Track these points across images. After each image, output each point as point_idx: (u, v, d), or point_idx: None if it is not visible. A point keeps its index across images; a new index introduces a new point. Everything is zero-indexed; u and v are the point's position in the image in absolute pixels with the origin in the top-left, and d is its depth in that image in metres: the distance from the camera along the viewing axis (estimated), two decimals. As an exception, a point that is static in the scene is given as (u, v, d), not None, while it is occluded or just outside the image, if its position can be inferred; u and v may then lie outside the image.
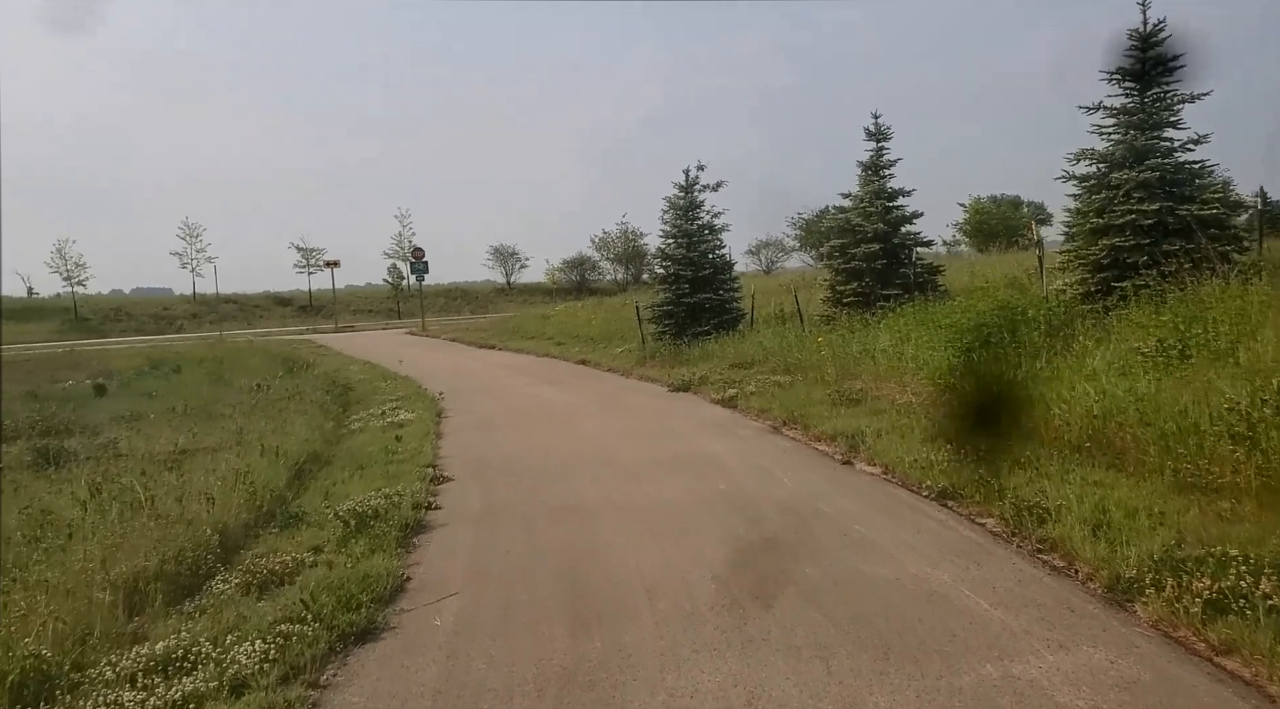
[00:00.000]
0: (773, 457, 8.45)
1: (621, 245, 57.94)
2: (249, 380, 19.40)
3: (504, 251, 62.93)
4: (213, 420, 14.21)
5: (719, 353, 16.00)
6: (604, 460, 8.73)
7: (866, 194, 15.59)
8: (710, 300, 17.44)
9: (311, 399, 14.91)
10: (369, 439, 10.86)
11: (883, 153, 15.60)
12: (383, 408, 13.47)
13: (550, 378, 16.90)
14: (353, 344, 29.93)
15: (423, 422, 11.72)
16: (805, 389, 11.55)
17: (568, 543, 6.05)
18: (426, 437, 10.60)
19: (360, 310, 57.45)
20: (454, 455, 9.57)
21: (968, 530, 5.81)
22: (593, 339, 22.43)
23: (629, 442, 9.60)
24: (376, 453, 9.68)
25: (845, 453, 8.33)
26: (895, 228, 15.40)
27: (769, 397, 11.45)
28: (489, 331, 29.79)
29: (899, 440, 8.18)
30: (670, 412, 11.69)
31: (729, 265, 18.32)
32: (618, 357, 18.52)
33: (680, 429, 10.21)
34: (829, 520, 6.20)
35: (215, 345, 28.03)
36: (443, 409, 13.21)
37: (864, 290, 15.15)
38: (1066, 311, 10.42)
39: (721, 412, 11.41)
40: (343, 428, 12.45)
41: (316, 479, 8.82)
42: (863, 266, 15.18)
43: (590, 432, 10.45)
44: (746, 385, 12.69)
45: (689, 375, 14.25)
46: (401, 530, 6.46)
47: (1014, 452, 7.09)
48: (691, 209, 18.05)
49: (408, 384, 16.73)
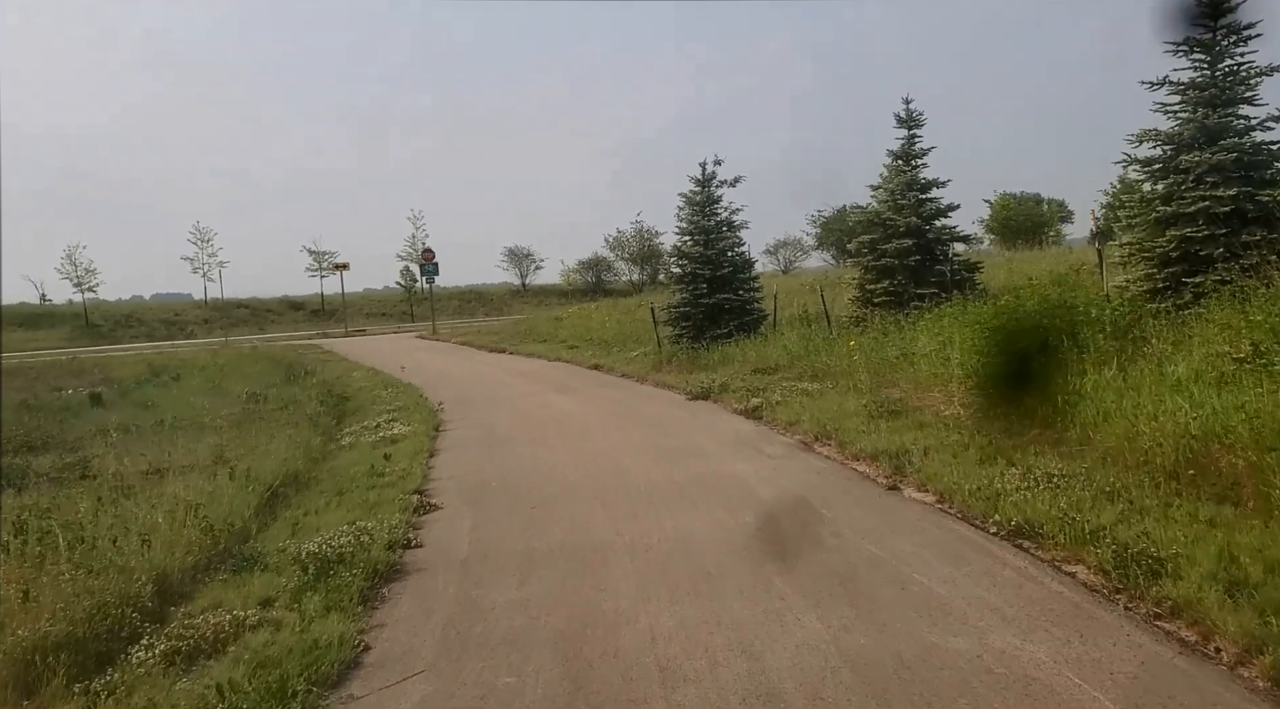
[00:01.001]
0: (807, 480, 7.37)
1: (636, 245, 56.81)
2: (248, 388, 18.61)
3: (519, 253, 62.06)
4: (200, 433, 13.39)
5: (740, 357, 14.92)
6: (615, 483, 7.68)
7: (898, 186, 14.46)
8: (730, 301, 16.36)
9: (305, 411, 14.01)
10: (356, 457, 9.87)
11: (914, 141, 14.47)
12: (378, 420, 12.50)
13: (561, 384, 15.88)
14: (360, 349, 29.04)
15: (417, 437, 10.72)
16: (837, 398, 10.47)
17: (568, 598, 5.00)
18: (419, 454, 9.59)
19: (374, 314, 56.71)
20: (447, 477, 8.55)
21: (1056, 583, 4.72)
22: (606, 342, 21.39)
23: (644, 460, 8.55)
24: (361, 475, 8.68)
25: (890, 476, 7.25)
26: (929, 222, 14.27)
27: (797, 407, 10.37)
28: (500, 335, 28.83)
29: (951, 460, 7.09)
30: (689, 423, 10.63)
31: (749, 264, 17.23)
32: (632, 361, 17.48)
33: (700, 445, 9.15)
34: (883, 568, 5.12)
35: (219, 352, 27.22)
36: (442, 421, 12.21)
37: (896, 289, 14.03)
38: (1132, 311, 9.27)
39: (745, 424, 10.34)
40: (333, 442, 11.49)
41: (289, 507, 7.83)
42: (894, 264, 14.06)
43: (602, 447, 9.41)
44: (771, 393, 11.61)
45: (708, 382, 13.19)
46: (369, 578, 5.44)
47: (1094, 478, 6.00)
48: (709, 205, 16.98)
49: (409, 393, 15.76)
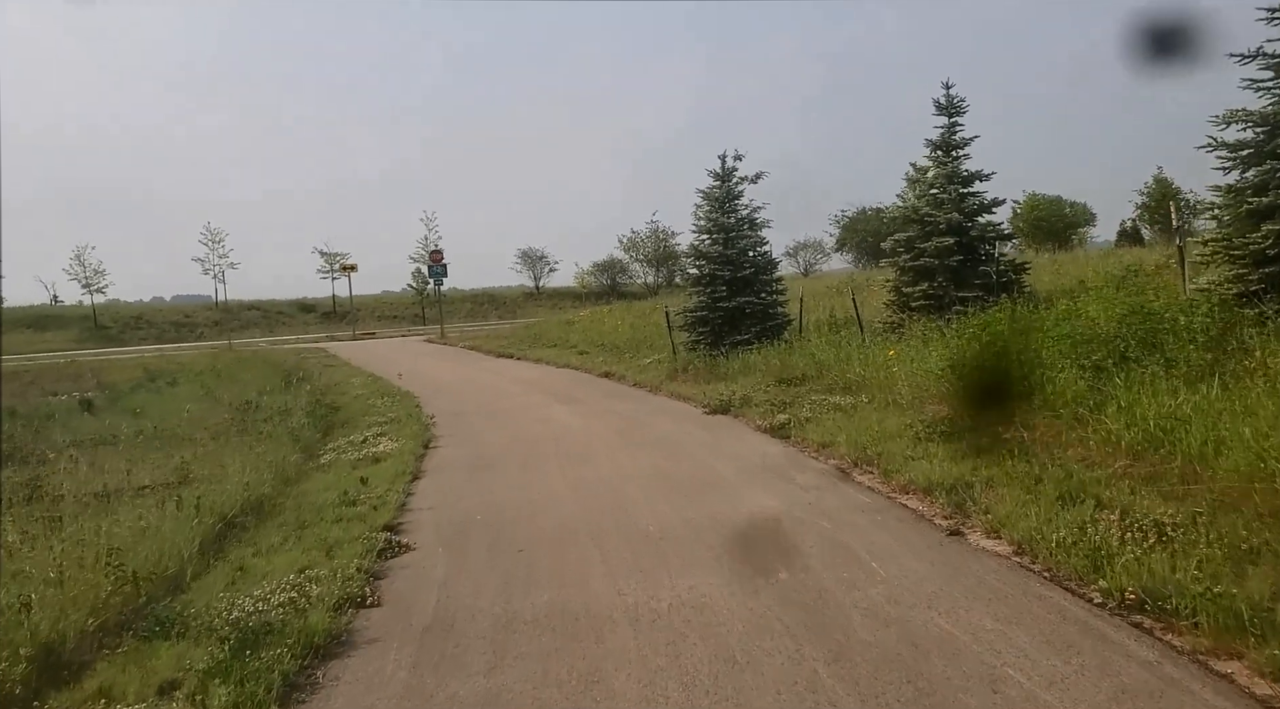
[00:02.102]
0: (850, 521, 6.14)
1: (652, 245, 55.52)
2: (242, 395, 17.63)
3: (532, 255, 60.97)
4: (178, 446, 12.40)
5: (762, 366, 13.70)
6: (619, 523, 6.49)
7: (937, 178, 13.20)
8: (751, 304, 15.14)
9: (291, 422, 12.93)
10: (332, 480, 8.75)
11: (955, 129, 13.20)
12: (366, 434, 11.39)
13: (567, 394, 14.72)
14: (364, 353, 28.02)
15: (403, 456, 9.58)
16: (875, 415, 9.23)
17: (549, 694, 3.81)
18: (400, 478, 8.45)
19: (385, 316, 55.87)
20: (426, 508, 7.39)
21: (1209, 690, 3.48)
22: (618, 348, 20.22)
23: (655, 492, 7.35)
24: (330, 503, 7.54)
25: (950, 515, 6.02)
26: (971, 218, 13.00)
27: (830, 425, 9.15)
28: (509, 339, 27.72)
29: (1024, 497, 5.86)
30: (707, 444, 9.42)
31: (772, 264, 16.00)
32: (646, 369, 16.28)
33: (720, 472, 7.93)
34: (963, 656, 3.89)
35: (219, 356, 26.28)
36: (434, 437, 11.07)
37: (936, 292, 12.77)
38: (1224, 318, 7.99)
39: (771, 445, 9.12)
40: (312, 460, 10.37)
41: (240, 544, 6.69)
42: (934, 264, 12.80)
43: (607, 474, 8.21)
44: (799, 408, 10.40)
45: (727, 394, 11.98)
46: (302, 656, 4.28)
47: (1220, 529, 4.75)
48: (729, 200, 15.77)
49: (405, 402, 14.65)
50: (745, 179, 15.88)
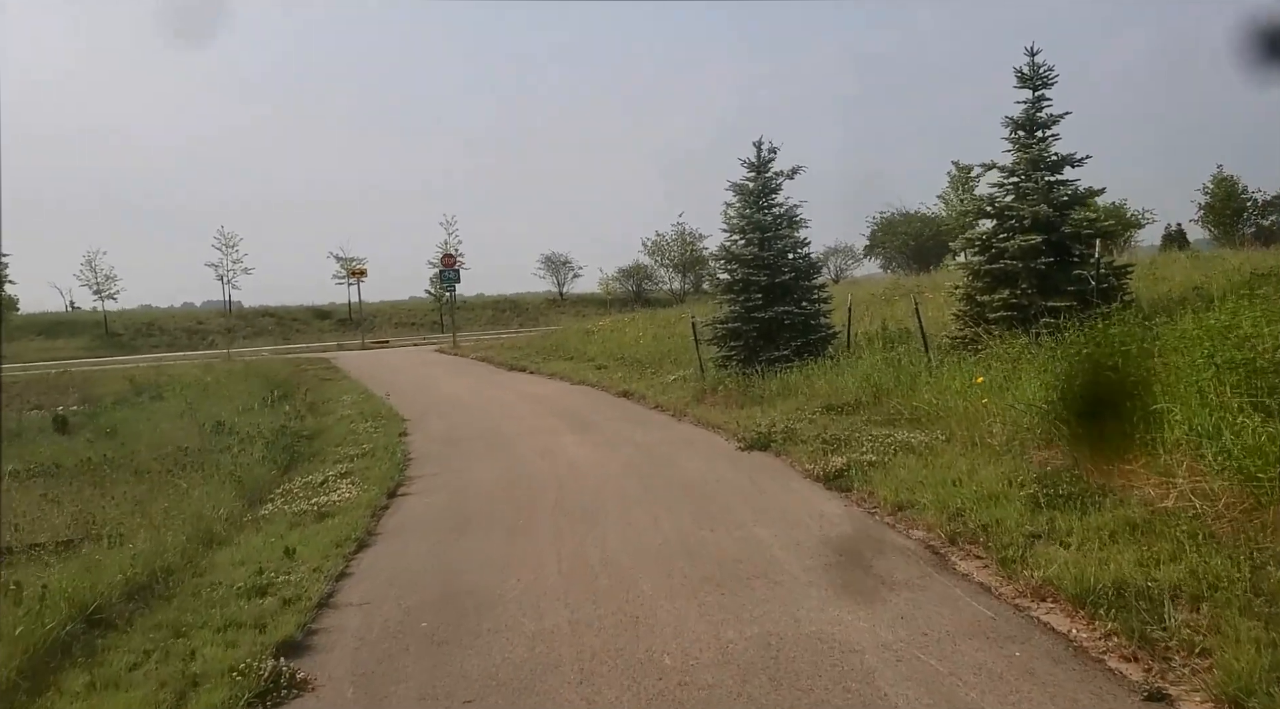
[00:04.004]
0: (975, 662, 3.99)
1: (678, 249, 53.21)
2: (221, 412, 15.87)
3: (555, 260, 58.82)
4: (127, 480, 10.68)
5: (805, 388, 11.56)
6: (627, 649, 4.39)
7: (1020, 163, 10.99)
8: (790, 315, 12.99)
9: (254, 452, 11.03)
10: (255, 548, 6.74)
11: (1042, 105, 10.98)
12: (329, 473, 9.45)
13: (579, 418, 12.66)
14: (369, 364, 26.16)
15: (358, 509, 7.57)
16: (962, 461, 7.09)
17: None
18: (342, 547, 6.46)
19: (403, 324, 54.18)
20: (357, 604, 5.35)
21: None
22: (640, 362, 18.13)
23: (679, 584, 5.24)
24: (232, 593, 5.54)
25: (1133, 651, 3.88)
26: (1063, 211, 10.79)
27: (904, 475, 7.03)
28: (524, 350, 25.69)
29: (1255, 626, 3.72)
30: (746, 497, 7.30)
31: (814, 267, 13.87)
32: (669, 388, 14.19)
33: (768, 549, 5.81)
34: None
35: (212, 367, 24.50)
36: (407, 478, 9.07)
37: (1018, 301, 10.57)
38: None
39: (829, 501, 6.99)
40: (254, 508, 8.38)
41: (77, 668, 4.67)
42: (1016, 267, 10.60)
43: (615, 548, 6.09)
44: (858, 446, 8.29)
45: (765, 423, 9.88)
46: None
47: None
48: (765, 195, 13.65)
49: (390, 427, 12.68)
50: (782, 174, 13.77)
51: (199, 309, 58.94)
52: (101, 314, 49.07)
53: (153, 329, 48.83)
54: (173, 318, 51.78)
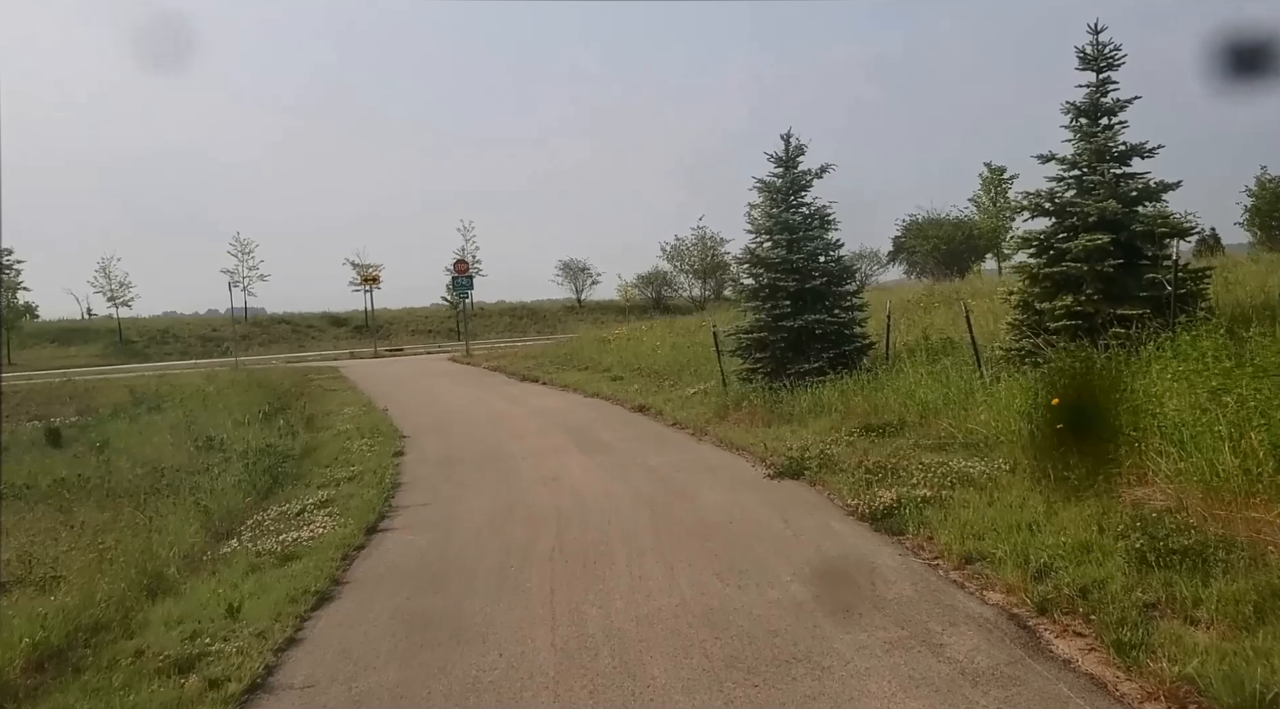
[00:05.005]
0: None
1: (698, 254, 51.94)
2: (216, 426, 15.04)
3: (573, 267, 57.84)
4: (92, 503, 9.89)
5: (839, 405, 10.43)
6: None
7: (1082, 154, 9.81)
8: (822, 324, 11.86)
9: (233, 473, 10.05)
10: (197, 604, 5.69)
11: (1107, 88, 9.80)
12: (308, 501, 8.46)
13: (591, 436, 11.60)
14: (378, 374, 25.26)
15: (326, 550, 6.54)
16: (1038, 500, 5.95)
17: None
18: (299, 602, 5.41)
19: (419, 331, 53.49)
20: (301, 687, 4.31)
21: None
22: (658, 373, 17.07)
23: (703, 676, 4.15)
24: (152, 668, 4.50)
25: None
26: (1132, 207, 9.61)
27: (967, 514, 5.91)
28: (538, 359, 24.67)
29: None
30: (779, 541, 6.19)
31: (848, 272, 12.75)
32: (689, 402, 13.10)
33: (812, 619, 4.69)
34: None
35: (215, 377, 23.67)
36: (392, 509, 8.04)
37: (1083, 308, 9.38)
38: None
39: (879, 547, 5.86)
40: (218, 544, 7.36)
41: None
42: (1080, 270, 9.41)
43: (622, 618, 4.98)
44: (906, 477, 7.17)
45: (796, 446, 8.78)
46: None
47: None
48: (793, 192, 12.54)
49: (385, 445, 11.68)
50: (810, 173, 12.65)
51: (219, 316, 58.46)
52: (126, 320, 48.65)
53: (167, 336, 48.40)
54: (188, 325, 51.28)
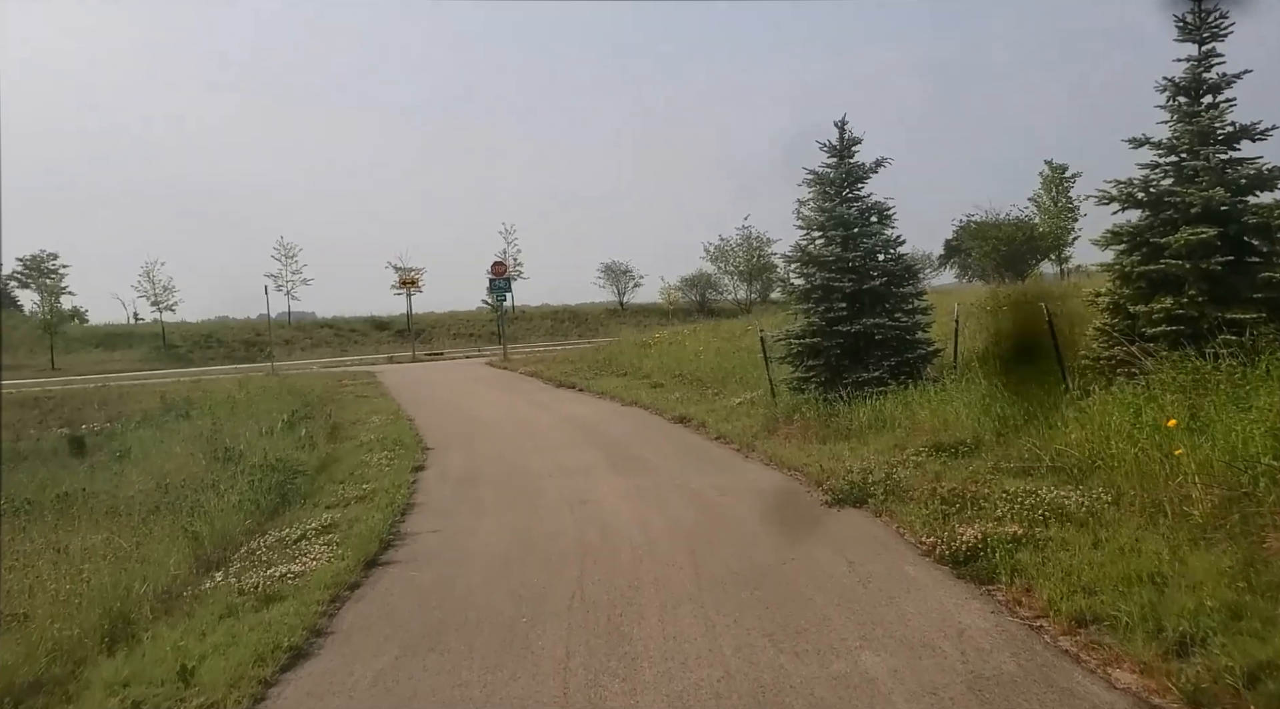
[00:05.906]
0: None
1: (743, 255, 50.73)
2: (241, 434, 14.44)
3: (616, 269, 57.07)
4: (96, 523, 9.30)
5: (905, 419, 9.34)
6: None
7: (1182, 137, 8.60)
8: (882, 328, 10.75)
9: (237, 490, 9.28)
10: (153, 659, 4.83)
11: (1211, 62, 8.59)
12: (309, 526, 7.66)
13: (625, 452, 10.64)
14: (413, 379, 24.60)
15: (317, 590, 5.66)
16: (1158, 543, 4.86)
17: None
18: (269, 660, 4.53)
19: (461, 334, 53.06)
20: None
21: None
22: (701, 380, 16.06)
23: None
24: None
25: None
26: (1241, 197, 8.39)
27: (1071, 561, 4.87)
28: (576, 364, 23.78)
29: None
30: (845, 598, 5.14)
31: (911, 271, 11.60)
32: (734, 413, 12.07)
33: (890, 704, 3.68)
34: None
35: (247, 383, 23.20)
36: (398, 537, 7.15)
37: (1185, 311, 8.18)
38: None
39: (966, 604, 4.79)
40: (201, 579, 6.53)
41: None
42: (1181, 268, 8.21)
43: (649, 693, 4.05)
44: (989, 508, 6.13)
45: (858, 467, 7.72)
46: None
47: None
48: (848, 184, 11.46)
49: (406, 459, 10.87)
50: (865, 167, 11.55)
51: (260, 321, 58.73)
52: (168, 325, 48.96)
53: (210, 341, 48.57)
54: (232, 330, 51.45)
